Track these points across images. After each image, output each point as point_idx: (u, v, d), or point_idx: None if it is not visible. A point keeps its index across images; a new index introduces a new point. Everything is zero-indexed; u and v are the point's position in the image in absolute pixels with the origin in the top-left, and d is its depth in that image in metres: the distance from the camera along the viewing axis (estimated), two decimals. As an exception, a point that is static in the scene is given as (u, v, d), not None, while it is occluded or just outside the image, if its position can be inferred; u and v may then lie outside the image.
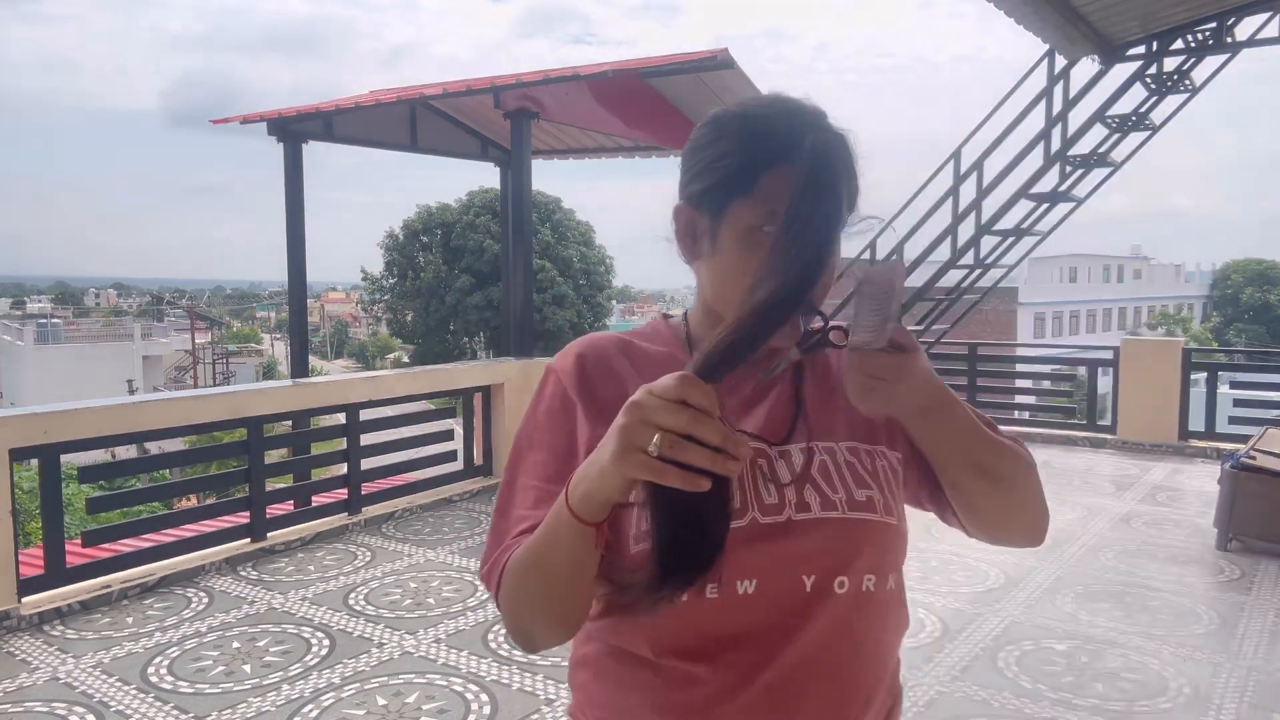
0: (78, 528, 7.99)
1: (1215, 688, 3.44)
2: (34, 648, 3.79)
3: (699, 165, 0.97)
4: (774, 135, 0.92)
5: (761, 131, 0.93)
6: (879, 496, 0.99)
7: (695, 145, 0.99)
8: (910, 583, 4.29)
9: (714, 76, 7.30)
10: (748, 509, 0.94)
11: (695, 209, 0.98)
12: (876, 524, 0.98)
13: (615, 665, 0.99)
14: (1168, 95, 7.53)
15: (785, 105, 0.95)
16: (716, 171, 0.95)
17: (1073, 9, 6.62)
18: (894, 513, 1.00)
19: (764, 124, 0.94)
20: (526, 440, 1.03)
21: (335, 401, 5.69)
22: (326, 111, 7.49)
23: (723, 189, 0.94)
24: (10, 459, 4.07)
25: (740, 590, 0.93)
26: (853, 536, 0.96)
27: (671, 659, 0.95)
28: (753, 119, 0.95)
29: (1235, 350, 27.94)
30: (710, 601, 0.93)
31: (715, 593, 0.93)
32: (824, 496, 0.97)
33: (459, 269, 26.73)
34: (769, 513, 0.95)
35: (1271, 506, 4.99)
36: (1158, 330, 41.53)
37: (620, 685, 0.99)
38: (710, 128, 0.98)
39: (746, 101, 0.98)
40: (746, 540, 0.93)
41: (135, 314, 59.46)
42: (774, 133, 0.92)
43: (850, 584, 0.96)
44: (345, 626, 4.01)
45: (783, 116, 0.93)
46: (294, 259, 7.41)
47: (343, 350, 63.43)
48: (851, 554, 0.96)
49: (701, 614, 0.93)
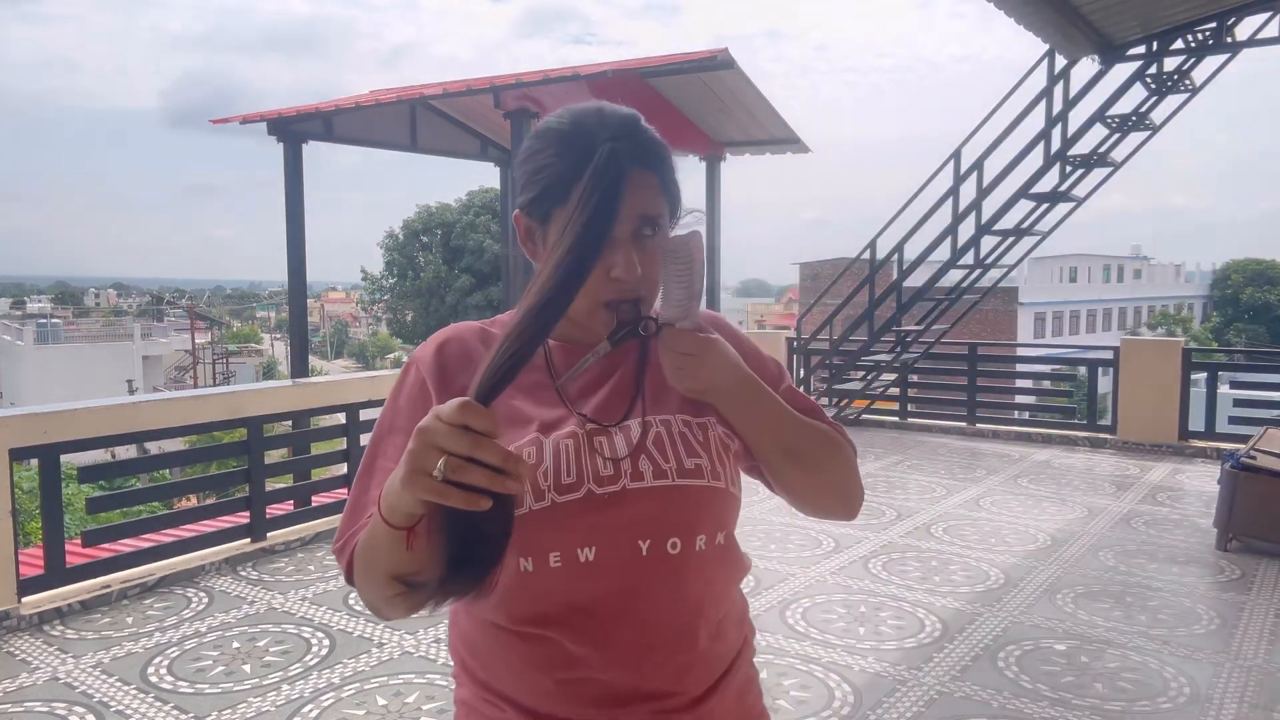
0: (78, 528, 7.99)
1: (1215, 688, 3.44)
2: (34, 648, 3.79)
3: (526, 176, 1.07)
4: (582, 150, 1.00)
5: (573, 145, 1.02)
6: (708, 464, 1.07)
7: (524, 157, 1.09)
8: (910, 583, 4.32)
9: (714, 76, 7.31)
10: (583, 482, 1.03)
11: (529, 216, 1.08)
12: (705, 489, 1.06)
13: (482, 634, 1.09)
14: (1168, 95, 7.53)
15: (597, 117, 1.04)
16: (539, 183, 1.05)
17: (1073, 9, 6.62)
18: (723, 478, 1.08)
19: (576, 138, 1.03)
20: (388, 425, 1.11)
21: (335, 401, 5.70)
22: (326, 111, 7.49)
23: (545, 199, 1.04)
24: (10, 459, 4.07)
25: (581, 558, 1.01)
26: (684, 501, 1.05)
27: (528, 626, 1.04)
28: (567, 134, 1.04)
29: (1235, 350, 27.94)
30: (555, 570, 1.02)
31: (558, 562, 1.02)
32: (656, 466, 1.05)
33: (459, 269, 26.74)
34: (604, 484, 1.03)
35: (1271, 506, 4.99)
36: (1157, 330, 41.53)
37: (492, 651, 1.08)
38: (536, 140, 1.08)
39: (566, 115, 1.07)
40: (582, 511, 1.02)
41: (135, 314, 59.45)
42: (582, 147, 1.01)
43: (683, 544, 1.05)
44: (345, 626, 4.01)
45: (592, 129, 1.02)
46: (294, 259, 7.41)
47: (343, 350, 63.43)
48: (682, 517, 1.05)
49: (548, 583, 1.02)
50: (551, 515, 1.02)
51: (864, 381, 9.01)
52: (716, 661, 1.11)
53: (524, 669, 1.06)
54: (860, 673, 3.55)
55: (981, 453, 7.91)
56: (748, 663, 1.18)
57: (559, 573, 1.02)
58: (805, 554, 4.98)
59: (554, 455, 1.04)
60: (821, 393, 9.01)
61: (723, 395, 1.06)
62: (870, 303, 8.65)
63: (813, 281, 33.66)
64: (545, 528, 1.02)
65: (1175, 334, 38.98)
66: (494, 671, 1.09)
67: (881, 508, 5.98)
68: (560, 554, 1.02)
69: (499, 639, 1.07)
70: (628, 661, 1.03)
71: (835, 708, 3.28)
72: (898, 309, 8.59)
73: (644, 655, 1.04)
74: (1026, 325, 36.14)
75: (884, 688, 3.43)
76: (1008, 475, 7.03)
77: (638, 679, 1.04)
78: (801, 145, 8.71)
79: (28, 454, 4.21)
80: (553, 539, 1.02)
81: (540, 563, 1.02)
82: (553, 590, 1.03)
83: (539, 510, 1.02)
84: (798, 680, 3.48)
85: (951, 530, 5.48)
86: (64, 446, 4.28)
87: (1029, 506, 6.08)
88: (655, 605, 1.04)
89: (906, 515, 5.82)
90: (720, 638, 1.11)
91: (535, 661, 1.05)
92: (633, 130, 1.04)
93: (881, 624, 4.04)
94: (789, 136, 8.53)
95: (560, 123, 1.06)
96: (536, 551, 1.03)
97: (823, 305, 11.38)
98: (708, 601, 1.09)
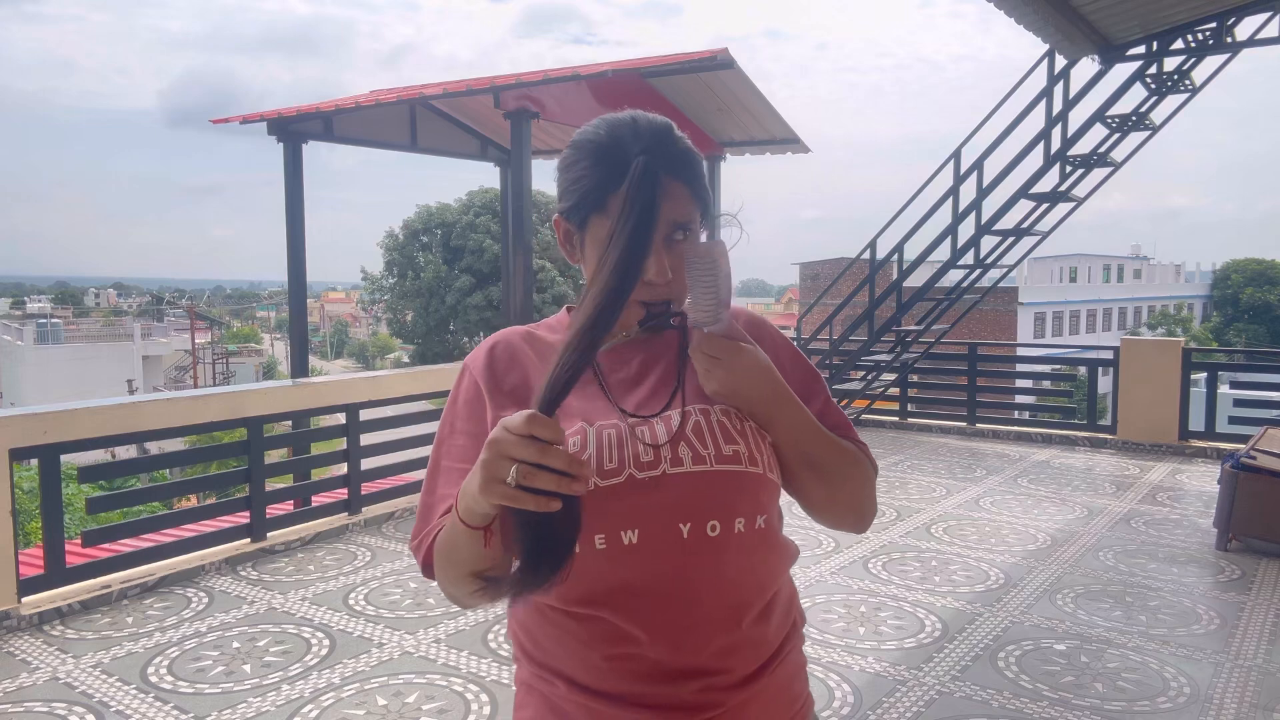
0: (78, 528, 7.99)
1: (1215, 688, 3.44)
2: (34, 648, 3.79)
3: (565, 184, 1.14)
4: (616, 161, 1.08)
5: (608, 157, 1.09)
6: (744, 450, 1.12)
7: (563, 166, 1.15)
8: (910, 583, 4.31)
9: (714, 76, 7.31)
10: (624, 467, 1.08)
11: (567, 221, 1.14)
12: (742, 474, 1.11)
13: (536, 616, 1.14)
14: (1168, 95, 7.52)
15: (631, 129, 1.11)
16: (576, 193, 1.12)
17: (1073, 9, 6.62)
18: (759, 464, 1.12)
19: (610, 150, 1.09)
20: (449, 427, 1.20)
21: (335, 401, 5.69)
22: (326, 111, 7.49)
23: (583, 207, 1.11)
24: (10, 459, 4.07)
25: (625, 541, 1.06)
26: (722, 485, 1.09)
27: (578, 606, 1.09)
28: (603, 145, 1.10)
29: (1235, 350, 27.94)
30: (600, 553, 1.06)
31: (603, 544, 1.06)
32: (695, 452, 1.10)
33: (459, 269, 26.74)
34: (644, 469, 1.08)
35: (1271, 506, 4.99)
36: (1157, 330, 41.53)
37: (544, 630, 1.14)
38: (573, 150, 1.14)
39: (602, 126, 1.13)
40: (625, 494, 1.07)
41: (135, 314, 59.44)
42: (616, 159, 1.08)
43: (722, 528, 1.09)
44: (345, 626, 4.01)
45: (626, 141, 1.09)
46: (294, 259, 7.41)
47: (343, 350, 63.42)
48: (721, 501, 1.09)
49: (595, 565, 1.06)
50: (594, 499, 1.05)
51: (864, 381, 9.01)
52: (763, 644, 1.14)
53: (576, 647, 1.10)
54: (860, 673, 3.55)
55: (981, 453, 7.91)
56: (797, 650, 1.21)
57: (604, 554, 1.07)
58: (805, 554, 4.97)
59: (597, 443, 1.10)
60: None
61: (746, 401, 1.12)
62: (870, 303, 8.65)
63: (813, 281, 33.66)
64: (589, 511, 1.05)
65: (1175, 334, 38.98)
66: (548, 650, 1.14)
67: (881, 508, 5.97)
68: (605, 536, 1.06)
69: (551, 619, 1.12)
70: (673, 640, 1.07)
71: (835, 708, 3.28)
72: (898, 309, 8.59)
73: (687, 634, 1.08)
74: (1026, 325, 36.13)
75: (884, 688, 3.43)
76: (1008, 475, 7.03)
77: (683, 657, 1.08)
78: (801, 145, 8.71)
79: (28, 454, 4.20)
80: (597, 522, 1.06)
81: (586, 545, 1.06)
82: (599, 571, 1.07)
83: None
84: (798, 680, 3.48)
85: (951, 530, 5.48)
86: (64, 446, 4.28)
87: (1029, 506, 6.08)
88: (698, 586, 1.08)
89: (906, 515, 5.82)
90: (765, 620, 1.14)
91: (585, 639, 1.09)
92: (665, 141, 1.10)
93: (881, 624, 4.04)
94: (789, 136, 8.54)
95: (596, 133, 1.12)
96: (582, 534, 1.06)
97: (823, 305, 11.39)
98: (750, 584, 1.12)
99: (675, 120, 1.15)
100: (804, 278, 35.77)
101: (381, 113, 7.86)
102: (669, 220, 1.08)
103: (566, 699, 1.12)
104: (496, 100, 6.65)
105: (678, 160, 1.10)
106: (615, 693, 1.09)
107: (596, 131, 1.12)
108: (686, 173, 1.10)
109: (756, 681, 1.12)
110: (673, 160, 1.09)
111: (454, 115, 8.27)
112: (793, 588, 1.23)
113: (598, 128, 1.13)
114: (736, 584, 1.11)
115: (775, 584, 1.17)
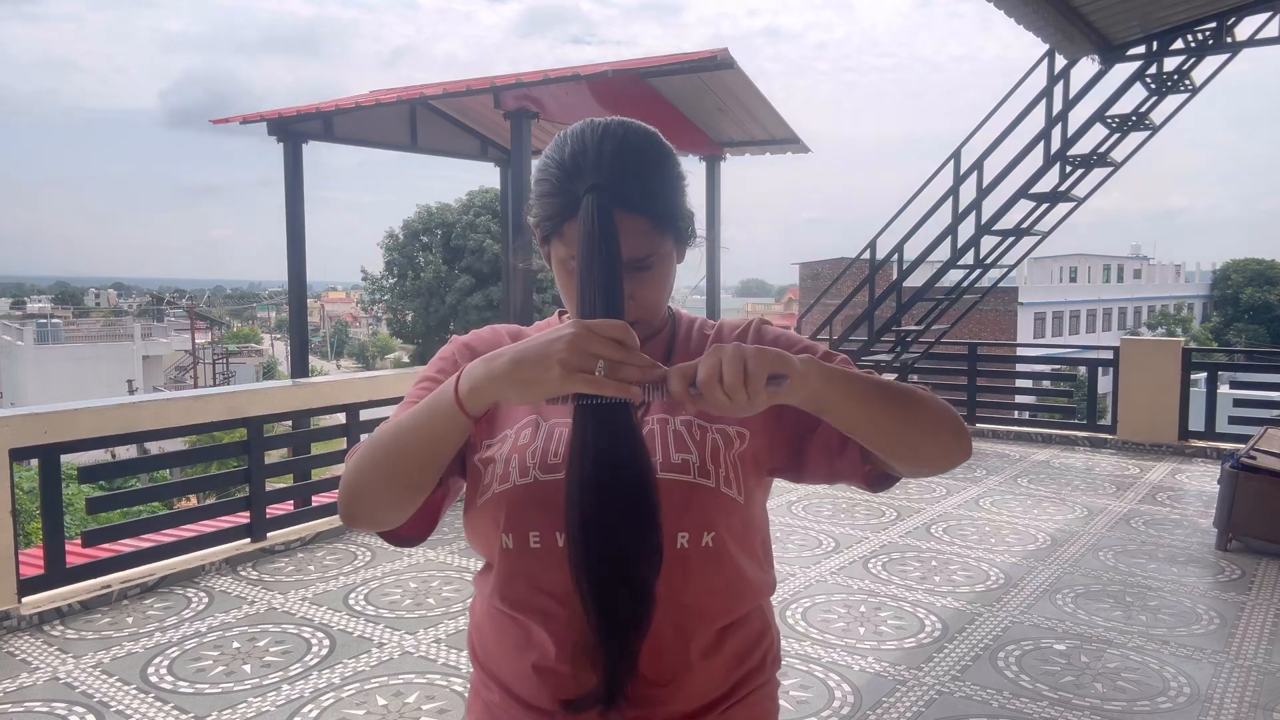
0: (78, 528, 7.99)
1: (1215, 688, 3.44)
2: (34, 648, 3.79)
3: (533, 195, 1.11)
4: (569, 194, 1.03)
5: (561, 188, 1.04)
6: (696, 460, 1.06)
7: (534, 175, 1.12)
8: (910, 583, 4.30)
9: (713, 76, 7.30)
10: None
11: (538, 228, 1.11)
12: (689, 484, 1.05)
13: (483, 615, 1.14)
14: (1168, 95, 7.52)
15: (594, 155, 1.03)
16: (537, 209, 1.08)
17: (1073, 9, 6.61)
18: (713, 477, 1.06)
19: (567, 179, 1.03)
20: (420, 378, 1.15)
21: (335, 401, 5.70)
22: (326, 111, 7.49)
23: (545, 224, 1.07)
24: (10, 459, 4.07)
25: (559, 542, 1.02)
26: (665, 496, 1.00)
27: (511, 609, 1.07)
28: (564, 170, 1.04)
29: (1235, 350, 27.93)
30: (534, 552, 1.04)
31: (537, 543, 1.04)
32: None
33: (459, 269, 26.75)
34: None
35: (1271, 506, 4.99)
36: (1157, 330, 41.51)
37: (491, 631, 1.12)
38: (539, 167, 1.10)
39: (567, 144, 1.06)
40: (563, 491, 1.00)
41: (135, 314, 59.38)
42: (569, 192, 1.03)
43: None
44: (345, 626, 4.01)
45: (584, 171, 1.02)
46: (294, 259, 7.40)
47: (343, 350, 63.41)
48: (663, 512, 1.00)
49: (528, 564, 1.05)
50: (533, 492, 1.04)
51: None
52: (710, 681, 1.07)
53: (511, 652, 1.08)
54: (860, 673, 3.55)
55: (981, 452, 7.91)
56: (765, 697, 1.13)
57: (537, 555, 1.04)
58: (805, 554, 4.98)
59: (546, 437, 1.07)
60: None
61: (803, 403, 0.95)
62: (870, 303, 8.64)
63: (813, 281, 33.64)
64: (526, 505, 1.04)
65: (1175, 334, 38.98)
66: (490, 653, 1.12)
67: (881, 508, 5.98)
68: (539, 535, 1.04)
69: (493, 619, 1.11)
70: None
71: (835, 708, 3.28)
72: (898, 309, 8.58)
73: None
74: (1026, 325, 36.12)
75: (884, 688, 3.43)
76: (1008, 475, 7.03)
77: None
78: (801, 145, 8.71)
79: (28, 454, 4.20)
80: (533, 517, 1.04)
81: (520, 542, 1.04)
82: (531, 573, 1.05)
83: (522, 486, 1.05)
84: (798, 680, 3.48)
85: (951, 530, 5.48)
86: (64, 446, 4.28)
87: (1029, 506, 6.08)
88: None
89: (906, 515, 5.82)
90: (714, 654, 1.07)
91: (519, 644, 1.07)
92: (626, 170, 1.03)
93: (881, 624, 4.04)
94: (789, 136, 8.53)
95: (560, 154, 1.06)
96: (517, 529, 1.05)
97: (823, 305, 11.38)
98: (693, 608, 1.05)
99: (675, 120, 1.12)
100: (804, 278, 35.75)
101: (381, 113, 7.86)
102: (625, 257, 1.00)
103: (500, 708, 1.09)
104: (496, 100, 6.65)
105: (635, 194, 1.02)
106: (541, 707, 1.04)
107: (560, 152, 1.06)
108: (646, 204, 1.03)
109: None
110: (628, 195, 1.02)
111: (454, 115, 8.27)
112: (767, 628, 1.15)
113: (562, 146, 1.07)
114: (676, 605, 1.03)
115: (729, 615, 1.09)
